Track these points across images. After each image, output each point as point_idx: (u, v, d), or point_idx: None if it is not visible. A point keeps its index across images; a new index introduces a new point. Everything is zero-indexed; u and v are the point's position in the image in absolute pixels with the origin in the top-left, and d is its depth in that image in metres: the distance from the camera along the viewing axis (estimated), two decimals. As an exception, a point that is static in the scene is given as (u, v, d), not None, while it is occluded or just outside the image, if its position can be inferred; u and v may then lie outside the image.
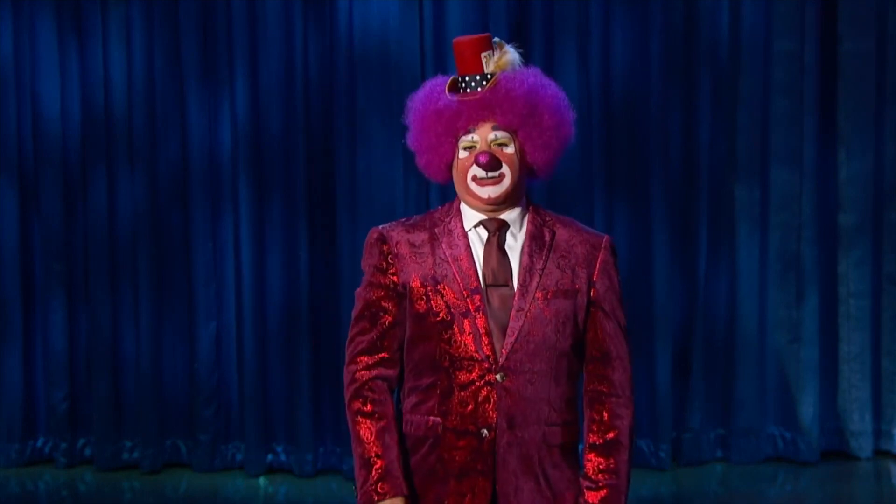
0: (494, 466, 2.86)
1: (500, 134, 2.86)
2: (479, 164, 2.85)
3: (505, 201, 2.89)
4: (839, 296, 6.30)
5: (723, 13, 6.19)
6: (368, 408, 2.88)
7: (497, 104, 2.85)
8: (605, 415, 2.90)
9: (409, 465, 2.91)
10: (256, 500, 5.94)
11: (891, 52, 6.23)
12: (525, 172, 2.90)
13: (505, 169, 2.86)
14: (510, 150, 2.87)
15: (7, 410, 6.31)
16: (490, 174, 2.85)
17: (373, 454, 2.86)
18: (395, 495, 2.83)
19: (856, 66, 6.22)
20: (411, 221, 2.97)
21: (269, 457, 6.24)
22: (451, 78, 2.92)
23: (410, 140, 2.96)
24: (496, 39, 2.92)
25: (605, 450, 2.89)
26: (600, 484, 2.88)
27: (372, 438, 2.87)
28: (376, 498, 2.82)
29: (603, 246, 2.93)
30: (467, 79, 2.89)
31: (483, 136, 2.86)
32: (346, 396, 2.93)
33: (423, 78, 4.60)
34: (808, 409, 6.22)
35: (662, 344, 6.14)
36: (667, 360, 6.15)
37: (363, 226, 5.72)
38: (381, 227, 2.97)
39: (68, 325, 6.28)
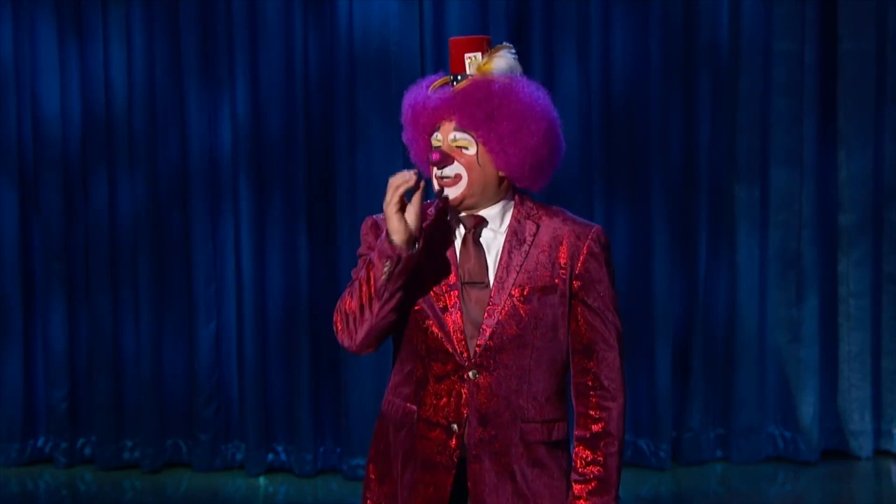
0: (462, 463, 2.86)
1: (460, 135, 2.86)
2: (430, 161, 2.87)
3: (466, 204, 2.89)
4: (839, 295, 6.30)
5: (723, 13, 6.18)
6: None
7: (457, 106, 2.85)
8: (590, 408, 2.88)
9: (393, 442, 2.94)
10: (256, 500, 5.94)
11: (891, 52, 6.23)
12: (494, 176, 2.88)
13: (461, 170, 2.85)
14: (470, 152, 2.85)
15: (7, 410, 6.30)
16: (445, 173, 2.86)
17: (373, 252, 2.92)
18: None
19: (856, 66, 6.21)
20: None
21: (270, 457, 6.24)
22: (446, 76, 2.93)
23: (403, 133, 2.98)
24: (504, 44, 2.91)
25: (592, 442, 2.87)
26: (588, 476, 2.86)
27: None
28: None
29: (589, 237, 2.90)
30: (450, 78, 2.91)
31: (445, 135, 2.87)
32: (337, 325, 3.13)
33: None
34: (808, 408, 6.22)
35: (662, 344, 6.13)
36: (667, 360, 6.15)
37: (363, 226, 5.71)
38: (375, 216, 3.05)
39: (68, 325, 6.27)
